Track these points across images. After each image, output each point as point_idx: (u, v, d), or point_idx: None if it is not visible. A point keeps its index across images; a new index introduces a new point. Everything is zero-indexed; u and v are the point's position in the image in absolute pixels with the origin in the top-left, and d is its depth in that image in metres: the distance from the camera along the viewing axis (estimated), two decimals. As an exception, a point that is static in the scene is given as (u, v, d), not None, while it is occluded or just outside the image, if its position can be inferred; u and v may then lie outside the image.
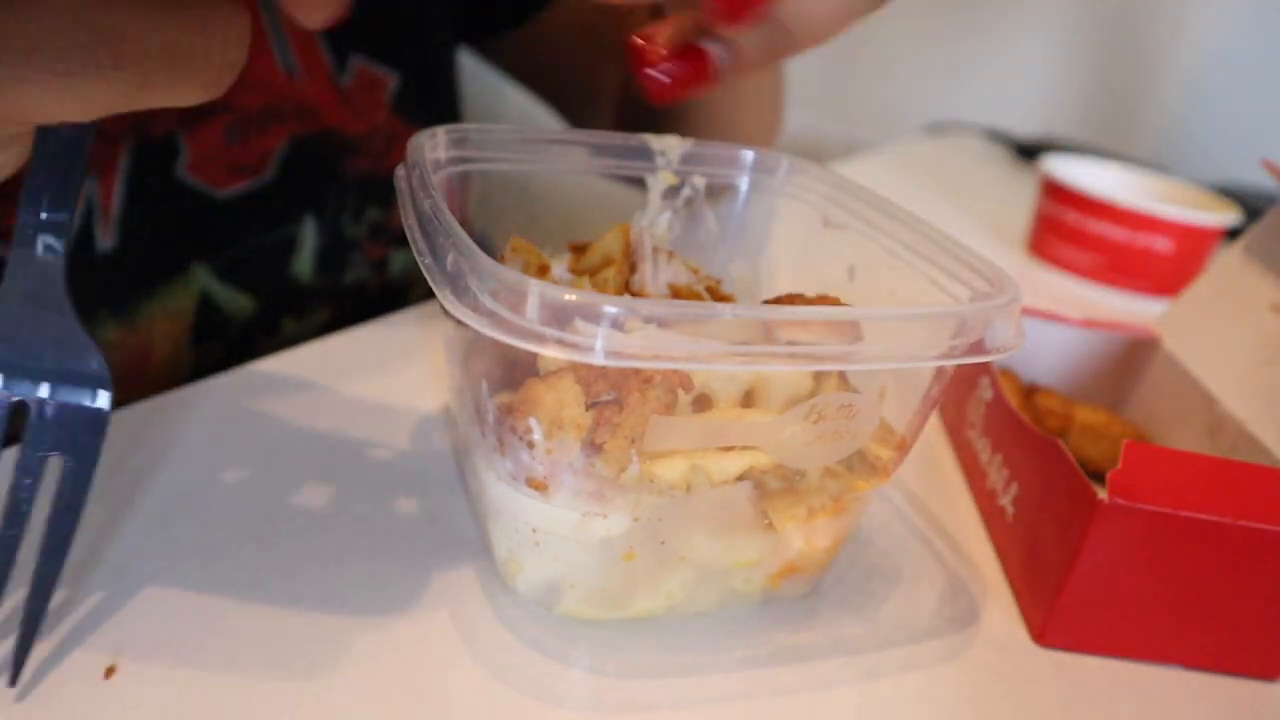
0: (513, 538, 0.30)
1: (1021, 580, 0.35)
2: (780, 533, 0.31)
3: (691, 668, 0.30)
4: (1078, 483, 0.32)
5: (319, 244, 0.54)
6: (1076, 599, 0.32)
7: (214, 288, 0.50)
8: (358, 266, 0.56)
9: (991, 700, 0.31)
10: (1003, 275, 0.31)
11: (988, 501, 0.40)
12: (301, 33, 0.50)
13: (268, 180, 0.51)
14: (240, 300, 0.52)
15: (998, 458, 0.39)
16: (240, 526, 0.33)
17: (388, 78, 0.55)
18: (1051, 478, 0.34)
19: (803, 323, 0.28)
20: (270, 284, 0.53)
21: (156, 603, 0.29)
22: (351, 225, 0.55)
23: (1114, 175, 0.76)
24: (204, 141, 0.48)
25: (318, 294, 0.55)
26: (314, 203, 0.53)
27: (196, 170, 0.48)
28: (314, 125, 0.52)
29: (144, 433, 0.37)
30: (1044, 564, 0.34)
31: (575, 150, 0.38)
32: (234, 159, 0.49)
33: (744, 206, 0.41)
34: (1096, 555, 0.32)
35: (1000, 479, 0.39)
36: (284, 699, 0.27)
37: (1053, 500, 0.34)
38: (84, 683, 0.26)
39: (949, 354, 0.28)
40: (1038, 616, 0.34)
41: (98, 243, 0.46)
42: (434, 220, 0.28)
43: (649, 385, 0.27)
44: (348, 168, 0.54)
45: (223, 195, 0.49)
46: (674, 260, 0.36)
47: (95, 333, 0.46)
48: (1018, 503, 0.37)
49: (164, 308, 0.49)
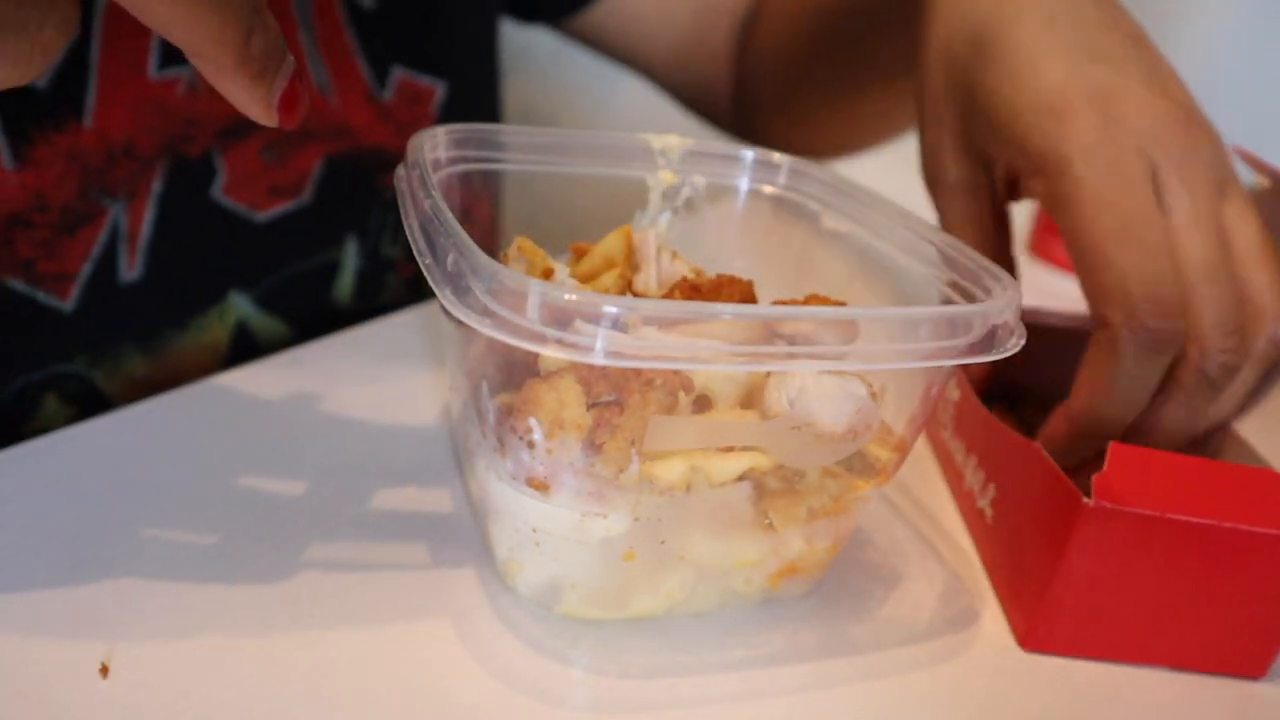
0: (513, 538, 0.30)
1: (1005, 585, 0.35)
2: (780, 533, 0.31)
3: (691, 668, 0.30)
4: (1060, 485, 0.32)
5: (359, 266, 0.52)
6: (1061, 603, 0.32)
7: (252, 316, 0.48)
8: (394, 288, 0.55)
9: (991, 700, 0.31)
10: (1003, 275, 0.31)
11: (966, 503, 0.39)
12: (335, 49, 0.49)
13: (306, 202, 0.49)
14: (277, 328, 0.50)
15: (972, 459, 0.39)
16: (239, 526, 0.33)
17: (433, 88, 0.53)
18: (1031, 480, 0.34)
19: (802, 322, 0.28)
20: (309, 310, 0.51)
21: (153, 602, 0.29)
22: (389, 245, 0.54)
23: (1114, 175, 0.76)
24: (240, 162, 0.46)
25: (354, 318, 0.52)
26: (355, 224, 0.51)
27: (234, 192, 0.46)
28: (349, 144, 0.50)
29: (143, 432, 0.37)
30: (1027, 568, 0.33)
31: (575, 150, 0.38)
32: (272, 180, 0.47)
33: (744, 206, 0.41)
34: (1081, 558, 0.31)
35: (977, 481, 0.38)
36: (283, 699, 0.27)
37: (1033, 503, 0.34)
38: (79, 681, 0.26)
39: (949, 354, 0.28)
40: (1022, 621, 0.33)
41: (121, 273, 0.43)
42: (434, 220, 0.28)
43: (650, 387, 0.27)
44: (386, 185, 0.52)
45: (262, 218, 0.47)
46: (677, 260, 0.36)
47: (118, 368, 0.44)
48: (996, 505, 0.37)
49: (196, 340, 0.47)
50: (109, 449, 0.36)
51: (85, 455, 0.35)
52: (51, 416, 0.44)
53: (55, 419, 0.44)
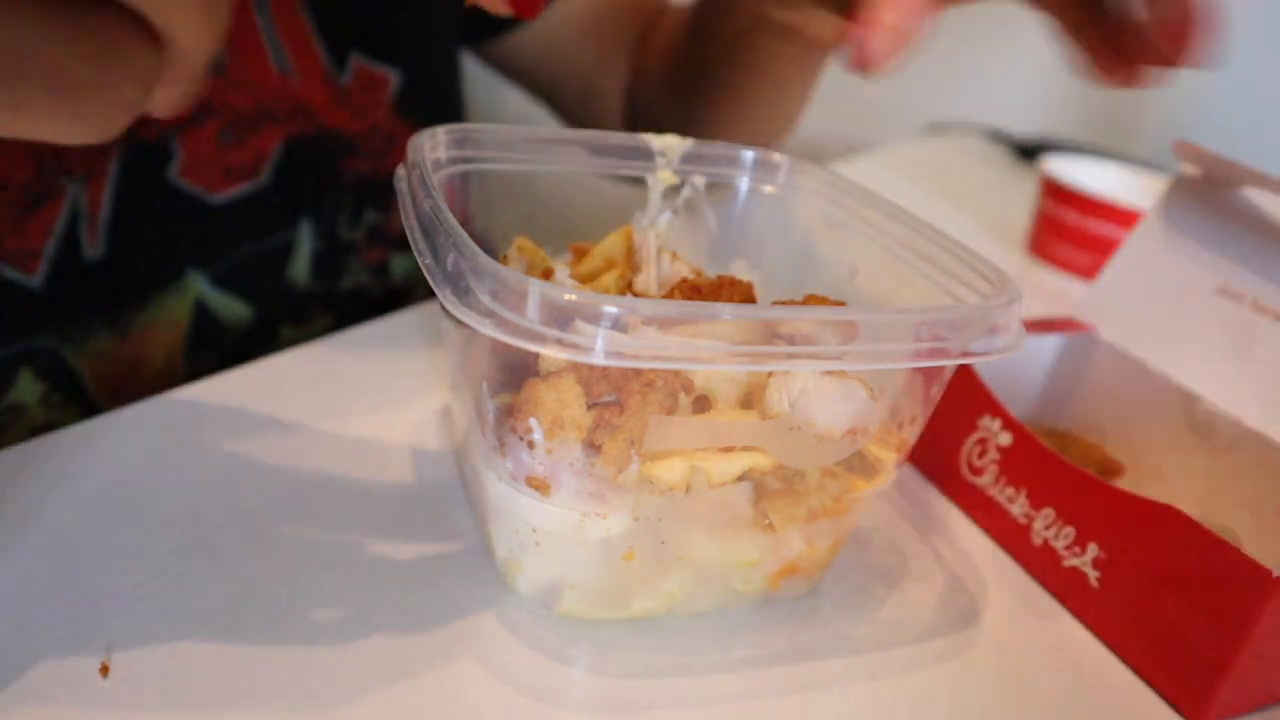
0: (513, 538, 0.30)
1: (1153, 657, 0.33)
2: (780, 533, 0.31)
3: (691, 668, 0.30)
4: (1240, 561, 0.30)
5: (315, 248, 0.53)
6: (1243, 678, 0.31)
7: (209, 295, 0.50)
8: (355, 271, 0.56)
9: (991, 700, 0.31)
10: (1003, 275, 0.31)
11: (1044, 560, 0.37)
12: (296, 32, 0.50)
13: (263, 184, 0.50)
14: (237, 308, 0.51)
15: (1048, 512, 0.36)
16: (238, 526, 0.33)
17: (388, 76, 0.54)
18: (1173, 547, 0.32)
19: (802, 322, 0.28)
20: (267, 290, 0.52)
21: (153, 601, 0.29)
22: (348, 228, 0.55)
23: (1114, 175, 0.76)
24: (197, 145, 0.47)
25: (316, 300, 0.54)
26: (310, 206, 0.53)
27: (190, 174, 0.47)
28: (309, 125, 0.51)
29: (142, 432, 0.37)
30: (1190, 642, 0.31)
31: (575, 150, 0.38)
32: (228, 162, 0.49)
33: (744, 206, 0.41)
34: (1269, 633, 0.30)
35: (1061, 537, 0.36)
36: (282, 699, 0.27)
37: (1184, 571, 0.31)
38: (79, 681, 0.26)
39: (949, 354, 0.28)
40: (1188, 698, 0.32)
41: (84, 250, 0.45)
42: (434, 220, 0.28)
43: (650, 388, 0.27)
44: (345, 169, 0.53)
45: (217, 200, 0.49)
46: (677, 261, 0.36)
47: (85, 343, 0.46)
48: (1105, 567, 0.34)
49: (158, 317, 0.48)
50: (108, 449, 0.36)
51: (84, 455, 0.35)
52: (25, 391, 0.45)
53: (29, 393, 0.45)
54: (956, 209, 0.84)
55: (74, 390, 0.47)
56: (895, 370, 0.31)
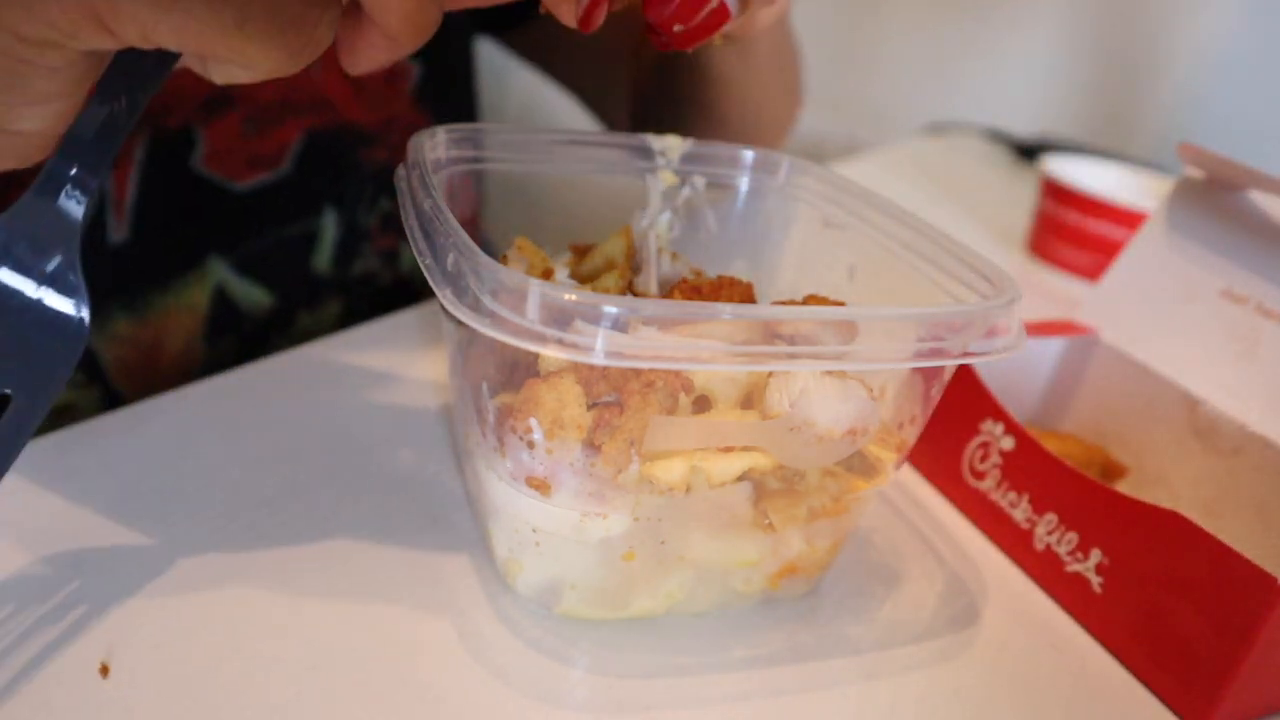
0: (513, 538, 0.30)
1: (1154, 662, 0.33)
2: (780, 533, 0.31)
3: (691, 668, 0.30)
4: (1246, 567, 0.29)
5: (338, 236, 0.54)
6: (1247, 683, 0.30)
7: (230, 281, 0.50)
8: (366, 257, 0.57)
9: (991, 700, 0.31)
10: (1003, 275, 0.31)
11: (1046, 565, 0.36)
12: None
13: (286, 173, 0.51)
14: (257, 294, 0.52)
15: (1050, 516, 0.36)
16: (238, 526, 0.33)
17: (409, 68, 0.55)
18: (1177, 552, 0.31)
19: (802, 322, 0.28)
20: (290, 277, 0.53)
21: (153, 601, 0.29)
22: (365, 215, 0.56)
23: (1114, 175, 0.76)
24: (220, 134, 0.48)
25: (331, 286, 0.55)
26: (334, 195, 0.53)
27: (213, 163, 0.48)
28: (330, 118, 0.52)
29: (143, 432, 0.37)
30: (1192, 647, 0.31)
31: (575, 150, 0.38)
32: (251, 151, 0.49)
33: (744, 206, 0.41)
34: (1273, 639, 0.29)
35: (1063, 543, 0.36)
36: (283, 698, 0.27)
37: (1187, 577, 0.31)
38: (79, 681, 0.26)
39: (948, 354, 0.28)
40: (1190, 705, 0.31)
41: (110, 234, 0.46)
42: (434, 220, 0.28)
43: (650, 388, 0.27)
44: (364, 159, 0.54)
45: (240, 188, 0.49)
46: (677, 261, 0.36)
47: (105, 326, 0.47)
48: (1107, 572, 0.34)
49: (177, 301, 0.49)
50: (110, 449, 0.36)
51: (86, 455, 0.35)
52: None
53: None
54: (956, 209, 0.84)
55: (95, 371, 0.47)
56: (895, 370, 0.31)
